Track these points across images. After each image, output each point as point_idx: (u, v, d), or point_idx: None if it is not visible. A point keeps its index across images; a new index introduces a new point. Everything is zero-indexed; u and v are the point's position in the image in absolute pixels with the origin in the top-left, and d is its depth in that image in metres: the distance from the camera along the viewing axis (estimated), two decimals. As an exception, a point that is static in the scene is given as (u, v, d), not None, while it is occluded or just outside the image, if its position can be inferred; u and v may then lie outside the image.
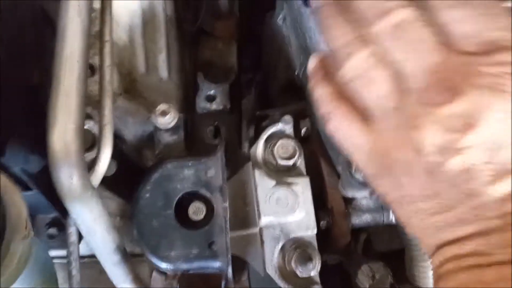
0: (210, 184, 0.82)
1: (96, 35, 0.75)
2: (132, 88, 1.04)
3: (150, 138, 0.94)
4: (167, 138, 0.88)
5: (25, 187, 0.68)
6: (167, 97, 1.07)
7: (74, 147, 0.59)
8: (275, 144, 0.86)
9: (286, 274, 0.82)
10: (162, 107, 0.84)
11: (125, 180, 0.88)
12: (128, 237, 0.87)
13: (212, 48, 1.27)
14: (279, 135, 0.88)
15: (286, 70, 1.08)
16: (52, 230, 0.85)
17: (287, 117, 0.87)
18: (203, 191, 0.82)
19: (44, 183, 0.66)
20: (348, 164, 0.74)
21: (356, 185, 0.76)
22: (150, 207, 0.80)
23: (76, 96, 0.61)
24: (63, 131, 0.59)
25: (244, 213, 0.84)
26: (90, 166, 0.67)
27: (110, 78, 0.73)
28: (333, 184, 0.93)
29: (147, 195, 0.81)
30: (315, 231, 0.84)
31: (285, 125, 0.88)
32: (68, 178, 0.59)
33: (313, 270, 0.80)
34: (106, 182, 0.76)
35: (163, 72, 1.07)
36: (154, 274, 0.87)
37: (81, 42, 0.65)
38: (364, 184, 0.76)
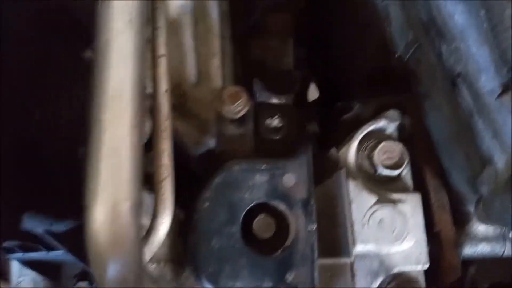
0: (288, 196, 0.62)
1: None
2: (180, 105, 0.85)
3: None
4: (232, 130, 0.68)
5: (50, 247, 0.61)
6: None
7: (129, 237, 0.42)
8: (374, 147, 0.65)
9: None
10: (231, 89, 0.64)
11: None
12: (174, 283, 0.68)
13: (264, 47, 1.06)
14: (379, 135, 0.67)
15: (375, 53, 0.86)
16: (82, 284, 0.75)
17: (393, 112, 0.66)
18: (278, 204, 0.62)
19: (72, 242, 0.57)
20: (509, 185, 0.52)
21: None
22: (209, 222, 0.61)
23: (129, 156, 0.42)
24: (110, 212, 0.41)
25: (331, 236, 0.64)
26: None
27: (169, 110, 0.55)
28: (441, 202, 0.72)
29: (206, 204, 0.62)
30: (426, 265, 0.63)
31: (389, 123, 0.66)
32: (118, 275, 0.41)
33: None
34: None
35: (217, 80, 0.86)
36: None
37: (135, 68, 0.45)
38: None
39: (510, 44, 0.49)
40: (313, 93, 1.30)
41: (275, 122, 0.81)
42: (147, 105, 0.64)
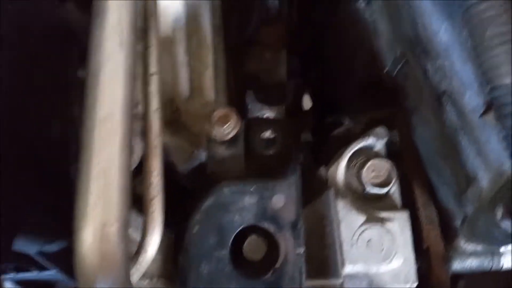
0: (277, 218, 0.62)
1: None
2: (173, 120, 0.84)
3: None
4: (222, 152, 0.68)
5: (42, 267, 0.62)
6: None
7: (117, 259, 0.42)
8: (362, 165, 0.65)
9: None
10: (220, 112, 0.64)
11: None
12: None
13: (258, 59, 1.05)
14: (367, 152, 0.67)
15: (365, 66, 0.86)
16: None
17: (380, 130, 0.66)
18: (268, 226, 0.62)
19: (64, 262, 0.58)
20: (492, 204, 0.52)
21: (499, 237, 0.54)
22: (199, 246, 0.61)
23: (118, 178, 0.42)
24: (99, 234, 0.41)
25: (320, 257, 0.64)
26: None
27: (159, 128, 0.54)
28: (429, 218, 0.72)
29: (196, 227, 0.62)
30: (415, 284, 0.63)
31: (377, 140, 0.67)
32: None
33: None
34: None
35: (210, 94, 0.86)
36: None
37: (126, 91, 0.46)
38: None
39: (492, 64, 0.49)
40: (306, 102, 1.31)
41: (268, 135, 0.81)
42: (138, 127, 0.65)
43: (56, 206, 0.56)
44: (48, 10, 0.60)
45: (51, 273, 0.66)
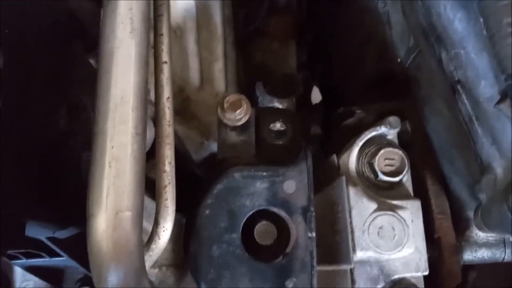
0: (289, 203, 0.62)
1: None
2: (184, 109, 0.85)
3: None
4: (233, 138, 0.68)
5: (53, 253, 0.60)
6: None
7: (130, 246, 0.42)
8: (375, 154, 0.65)
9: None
10: (232, 97, 0.64)
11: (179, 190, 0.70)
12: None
13: (266, 50, 1.04)
14: (380, 141, 0.67)
15: (377, 58, 0.86)
16: (85, 289, 0.73)
17: (393, 119, 0.66)
18: (279, 211, 0.62)
19: (74, 248, 0.57)
20: (507, 192, 0.52)
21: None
22: (210, 229, 0.61)
23: (131, 166, 0.43)
24: (112, 221, 0.41)
25: (331, 243, 0.64)
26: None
27: (171, 117, 0.54)
28: (441, 208, 0.72)
29: (207, 211, 0.62)
30: (426, 272, 0.63)
31: (389, 129, 0.66)
32: (120, 282, 0.42)
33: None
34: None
35: (220, 85, 0.88)
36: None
37: (138, 77, 0.45)
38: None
39: (508, 52, 0.49)
40: (316, 95, 1.30)
41: (278, 126, 0.81)
42: (150, 113, 0.65)
43: (67, 193, 0.56)
44: (56, 1, 0.60)
45: (62, 259, 0.66)
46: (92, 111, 0.50)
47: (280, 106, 0.92)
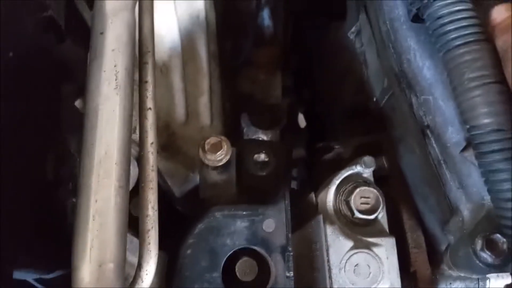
0: (268, 242, 0.64)
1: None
2: (169, 144, 0.86)
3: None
4: (215, 177, 0.70)
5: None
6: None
7: None
8: (351, 192, 0.68)
9: None
10: (212, 140, 0.67)
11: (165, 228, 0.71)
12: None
13: (252, 80, 1.06)
14: (356, 179, 0.70)
15: (354, 93, 0.89)
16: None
17: (368, 159, 0.69)
18: (259, 249, 0.65)
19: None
20: (473, 235, 0.55)
21: (479, 267, 0.57)
22: (192, 268, 0.63)
23: (114, 219, 0.45)
24: (96, 272, 0.43)
25: (310, 280, 0.66)
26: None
27: (154, 161, 0.56)
28: (417, 242, 0.74)
29: (189, 251, 0.64)
30: (401, 308, 0.65)
31: (364, 169, 0.69)
32: None
33: None
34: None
35: (205, 118, 0.89)
36: None
37: (122, 131, 0.48)
38: (494, 266, 0.56)
39: (469, 106, 0.52)
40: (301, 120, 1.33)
41: (262, 157, 0.83)
42: (134, 152, 0.67)
43: (54, 237, 0.58)
44: (48, 48, 0.62)
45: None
46: (78, 159, 0.51)
47: (265, 137, 0.94)
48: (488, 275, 0.70)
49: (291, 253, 0.62)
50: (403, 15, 0.63)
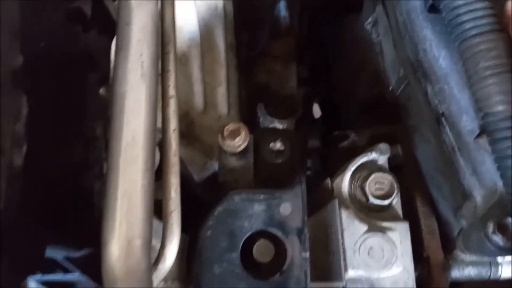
0: (285, 224, 0.66)
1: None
2: (188, 132, 0.89)
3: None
4: (233, 162, 0.73)
5: (67, 270, 0.65)
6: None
7: (141, 270, 0.46)
8: (366, 178, 0.70)
9: None
10: (231, 126, 0.69)
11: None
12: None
13: (268, 71, 1.08)
14: (371, 166, 0.71)
15: (371, 85, 0.91)
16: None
17: (383, 146, 0.71)
18: (275, 231, 0.67)
19: (87, 266, 0.62)
20: (485, 220, 0.57)
21: (491, 250, 0.58)
22: (211, 249, 0.66)
23: (141, 198, 0.47)
24: (125, 248, 0.45)
25: (325, 262, 0.68)
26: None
27: (177, 147, 0.59)
28: (430, 228, 0.76)
29: (209, 232, 0.67)
30: (413, 290, 0.67)
31: (379, 155, 0.71)
32: None
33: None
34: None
35: (223, 108, 0.92)
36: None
37: (148, 118, 0.50)
38: (505, 249, 0.58)
39: (484, 94, 0.53)
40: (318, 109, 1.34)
41: (277, 146, 0.86)
42: (157, 139, 0.69)
43: (82, 220, 0.61)
44: (75, 37, 0.65)
45: (74, 275, 0.71)
46: (103, 144, 0.54)
47: (281, 127, 0.96)
48: (499, 261, 0.72)
49: (307, 235, 0.64)
50: (419, 6, 0.64)
